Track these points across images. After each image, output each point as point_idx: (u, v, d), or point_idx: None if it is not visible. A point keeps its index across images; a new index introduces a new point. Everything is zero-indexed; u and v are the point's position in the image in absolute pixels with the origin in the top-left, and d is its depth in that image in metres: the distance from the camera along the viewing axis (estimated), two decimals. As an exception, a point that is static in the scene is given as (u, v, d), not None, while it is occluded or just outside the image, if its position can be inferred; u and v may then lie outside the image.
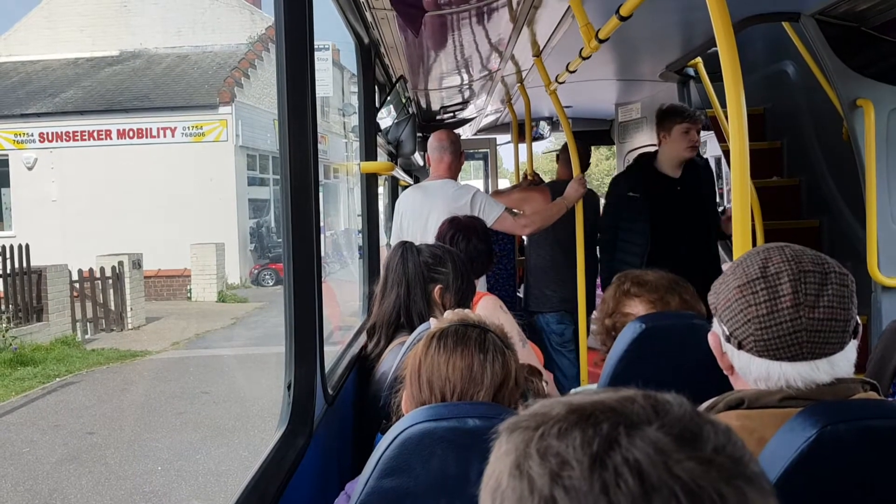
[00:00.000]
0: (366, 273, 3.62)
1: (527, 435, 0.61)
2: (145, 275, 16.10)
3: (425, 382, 1.45)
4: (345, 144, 28.02)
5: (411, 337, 2.11)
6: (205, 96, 20.04)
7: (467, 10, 3.13)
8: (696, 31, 3.72)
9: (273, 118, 18.43)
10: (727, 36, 1.68)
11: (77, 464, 7.06)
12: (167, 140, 19.62)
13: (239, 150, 20.09)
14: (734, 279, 1.23)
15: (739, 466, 0.59)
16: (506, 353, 1.47)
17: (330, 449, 2.19)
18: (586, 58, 3.25)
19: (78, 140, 19.62)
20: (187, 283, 18.34)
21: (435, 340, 1.48)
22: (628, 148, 5.74)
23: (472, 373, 1.43)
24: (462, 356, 1.44)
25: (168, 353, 12.41)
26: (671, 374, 1.35)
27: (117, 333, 14.23)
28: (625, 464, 0.56)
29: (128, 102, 20.08)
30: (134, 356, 12.10)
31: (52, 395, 9.70)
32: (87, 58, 22.52)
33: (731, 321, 1.23)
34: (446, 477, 1.26)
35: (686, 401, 0.63)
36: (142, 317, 15.08)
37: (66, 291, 13.67)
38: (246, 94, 20.81)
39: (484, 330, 1.50)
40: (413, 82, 4.86)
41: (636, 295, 2.02)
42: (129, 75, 21.64)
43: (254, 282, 20.08)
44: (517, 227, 4.07)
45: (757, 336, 1.19)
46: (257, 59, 21.83)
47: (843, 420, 1.08)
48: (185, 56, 22.42)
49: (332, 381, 2.27)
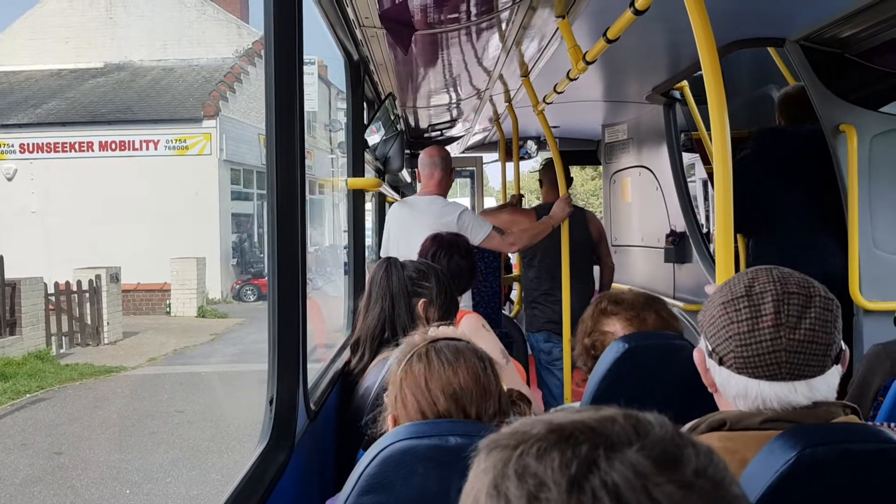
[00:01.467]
0: (351, 288, 3.62)
1: (505, 454, 0.60)
2: (124, 288, 15.86)
3: (439, 395, 1.43)
4: (331, 160, 28.03)
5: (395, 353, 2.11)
6: (189, 110, 19.88)
7: (457, 29, 3.15)
8: (683, 55, 3.76)
9: (259, 133, 18.40)
10: (712, 60, 1.70)
11: (42, 486, 6.82)
12: (150, 153, 19.45)
13: (223, 164, 19.97)
14: (719, 296, 1.25)
15: (720, 490, 0.58)
16: (494, 363, 1.49)
17: (311, 465, 2.17)
18: (574, 79, 3.28)
19: (59, 151, 19.42)
20: (167, 298, 18.10)
21: (434, 355, 1.47)
22: (614, 169, 5.77)
23: (481, 381, 1.44)
24: (467, 366, 1.45)
25: (144, 370, 12.14)
26: (653, 393, 1.36)
27: (93, 348, 13.96)
28: (603, 487, 0.55)
29: (111, 114, 19.92)
30: (108, 372, 11.83)
31: (21, 412, 9.46)
32: (70, 69, 22.38)
33: (714, 337, 1.24)
34: (427, 494, 1.26)
35: (667, 421, 0.62)
36: (119, 331, 14.82)
37: (41, 305, 13.37)
38: (231, 108, 20.70)
39: (467, 342, 1.51)
40: (402, 99, 4.88)
41: (613, 313, 2.04)
42: (112, 87, 21.48)
43: (235, 297, 19.85)
44: (504, 245, 4.08)
45: (737, 353, 1.20)
46: (243, 73, 21.80)
47: (823, 443, 1.08)
48: (170, 69, 22.32)
49: (315, 397, 2.25)
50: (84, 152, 19.42)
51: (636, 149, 5.36)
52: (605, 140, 5.92)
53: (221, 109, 19.97)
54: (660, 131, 4.79)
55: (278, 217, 1.80)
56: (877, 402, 2.23)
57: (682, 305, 4.29)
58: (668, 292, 4.67)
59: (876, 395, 2.27)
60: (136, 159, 19.26)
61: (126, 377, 11.58)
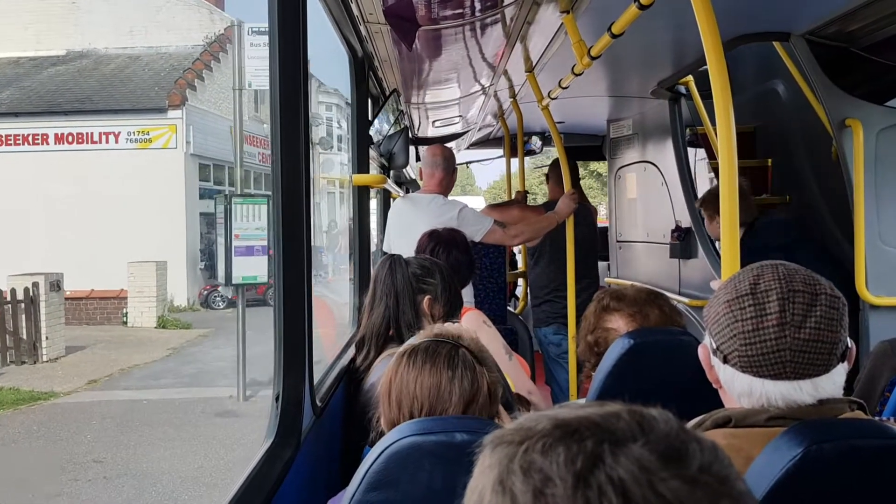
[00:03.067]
0: (356, 285, 3.62)
1: (511, 450, 0.61)
2: (76, 296, 14.45)
3: (395, 401, 1.46)
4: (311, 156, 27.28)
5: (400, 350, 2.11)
6: (153, 99, 18.23)
7: (461, 25, 3.14)
8: (688, 50, 3.75)
9: (230, 125, 16.74)
10: (717, 54, 1.70)
11: None
12: (109, 146, 17.94)
13: (190, 159, 18.44)
14: (724, 294, 1.24)
15: (725, 486, 0.58)
16: (476, 368, 1.47)
17: (317, 461, 2.18)
18: (578, 74, 3.27)
19: (11, 144, 17.95)
20: (123, 306, 16.40)
21: (405, 358, 1.49)
22: (619, 164, 5.75)
23: (440, 390, 1.44)
24: (430, 374, 1.45)
25: (79, 396, 10.22)
26: (658, 389, 1.36)
27: (29, 367, 12.14)
28: (609, 482, 0.55)
29: (68, 105, 18.24)
30: (34, 400, 9.92)
31: None
32: (30, 57, 20.68)
33: (718, 335, 1.24)
34: (433, 491, 1.26)
35: (672, 417, 0.62)
36: (61, 346, 12.85)
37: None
38: (199, 97, 19.15)
39: (455, 346, 1.50)
40: (406, 95, 4.88)
41: (615, 309, 2.04)
42: (73, 76, 19.73)
43: (203, 304, 18.16)
44: (507, 238, 4.09)
45: (741, 351, 1.20)
46: (214, 60, 20.08)
47: (829, 439, 1.08)
48: (136, 57, 20.55)
49: (321, 393, 2.26)
50: (38, 145, 17.96)
51: (641, 144, 5.35)
52: (610, 135, 5.91)
53: (188, 99, 18.41)
54: (665, 126, 4.78)
55: (283, 214, 1.81)
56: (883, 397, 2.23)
57: (688, 301, 4.28)
58: (674, 288, 4.66)
59: (883, 391, 2.26)
60: (95, 153, 17.65)
61: (52, 407, 9.61)
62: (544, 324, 4.84)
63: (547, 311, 4.83)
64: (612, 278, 5.83)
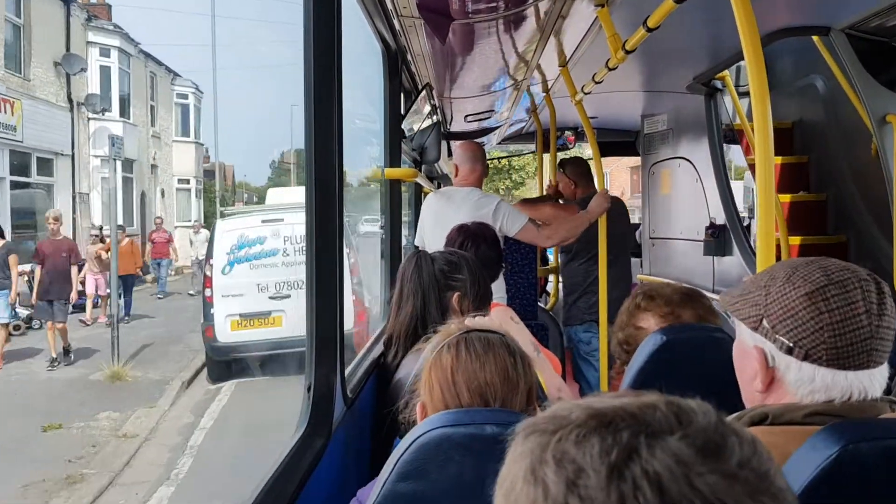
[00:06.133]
0: (387, 278, 3.64)
1: (543, 439, 0.60)
2: None
3: (463, 388, 1.43)
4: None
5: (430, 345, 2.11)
6: None
7: (494, 18, 3.13)
8: (724, 44, 3.70)
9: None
10: (755, 49, 1.67)
11: None
12: None
13: None
14: (793, 288, 1.17)
15: (764, 482, 0.57)
16: (526, 358, 1.48)
17: (348, 451, 2.20)
18: (613, 68, 3.24)
19: None
20: None
21: (463, 346, 1.47)
22: (654, 160, 5.70)
23: (509, 376, 1.43)
24: (496, 360, 1.44)
25: None
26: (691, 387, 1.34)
27: None
28: (644, 476, 0.54)
29: None
30: None
31: None
32: None
33: (796, 331, 1.16)
34: (462, 483, 1.26)
35: (711, 409, 0.61)
36: None
37: None
38: None
39: (503, 336, 1.50)
40: (438, 90, 4.88)
41: (647, 309, 2.01)
42: None
43: None
44: (540, 238, 4.07)
45: (829, 344, 1.14)
46: None
47: (866, 439, 1.06)
48: None
49: (352, 385, 2.28)
50: None
51: (676, 140, 5.29)
52: (644, 131, 5.86)
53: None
54: (701, 122, 4.73)
55: (316, 207, 1.82)
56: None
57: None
58: (707, 286, 4.61)
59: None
60: None
61: None
62: (577, 321, 4.81)
63: (582, 307, 4.81)
64: (644, 275, 5.78)
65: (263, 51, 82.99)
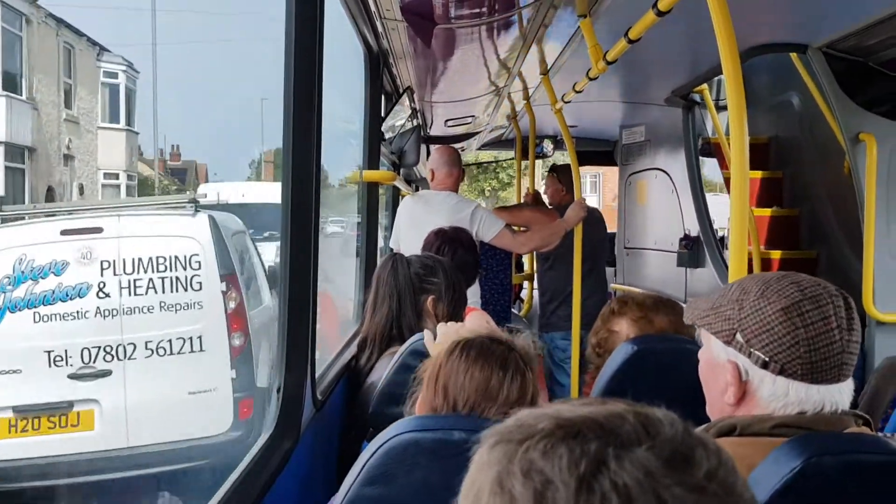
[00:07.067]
0: (362, 280, 3.62)
1: (510, 448, 0.59)
2: None
3: (441, 388, 1.42)
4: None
5: (403, 348, 2.11)
6: None
7: (477, 24, 3.14)
8: (704, 58, 3.73)
9: None
10: (734, 64, 1.69)
11: None
12: None
13: None
14: (768, 303, 1.17)
15: (732, 496, 0.57)
16: (526, 374, 1.45)
17: (316, 454, 2.18)
18: (593, 78, 3.26)
19: None
20: None
21: (459, 349, 1.47)
22: (631, 171, 5.74)
23: (489, 387, 1.41)
24: (481, 369, 1.43)
25: None
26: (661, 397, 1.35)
27: None
28: (613, 489, 0.54)
29: None
30: None
31: None
32: None
33: (772, 346, 1.16)
34: (429, 488, 1.25)
35: (677, 419, 0.61)
36: None
37: None
38: None
39: (510, 348, 1.48)
40: (420, 94, 4.87)
41: (620, 313, 2.05)
42: None
43: None
44: (515, 245, 4.08)
45: (805, 358, 1.15)
46: None
47: (830, 452, 1.07)
48: None
49: (322, 387, 2.26)
50: None
51: (653, 151, 5.33)
52: (622, 141, 5.90)
53: None
54: (678, 134, 4.77)
55: (291, 210, 1.81)
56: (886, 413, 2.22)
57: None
58: (680, 297, 4.64)
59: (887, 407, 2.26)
60: None
61: None
62: (556, 328, 4.81)
63: (561, 315, 4.79)
64: (618, 284, 5.81)
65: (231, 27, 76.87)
